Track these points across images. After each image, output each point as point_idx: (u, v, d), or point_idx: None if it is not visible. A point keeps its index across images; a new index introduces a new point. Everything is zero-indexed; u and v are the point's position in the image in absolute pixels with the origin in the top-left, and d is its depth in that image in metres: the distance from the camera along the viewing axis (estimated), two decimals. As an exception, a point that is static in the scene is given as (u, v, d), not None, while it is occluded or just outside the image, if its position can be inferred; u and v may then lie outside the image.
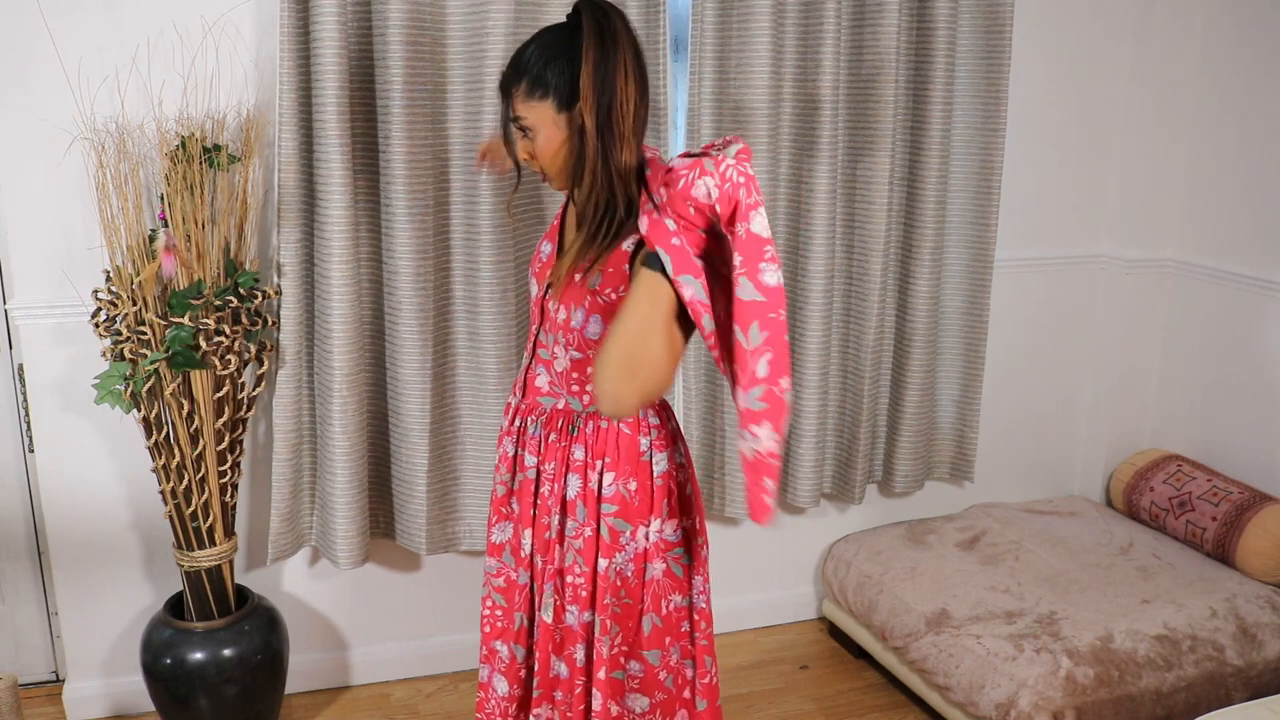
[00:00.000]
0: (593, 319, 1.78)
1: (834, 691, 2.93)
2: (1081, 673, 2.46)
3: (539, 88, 1.67)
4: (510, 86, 1.70)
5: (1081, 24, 3.11)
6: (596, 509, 1.84)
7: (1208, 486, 3.05)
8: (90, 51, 2.36)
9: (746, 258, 1.60)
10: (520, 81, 1.68)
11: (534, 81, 1.67)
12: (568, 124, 1.67)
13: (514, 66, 1.70)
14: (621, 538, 1.84)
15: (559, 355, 1.85)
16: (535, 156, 1.73)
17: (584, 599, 1.86)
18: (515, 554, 1.96)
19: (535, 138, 1.70)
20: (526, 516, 1.93)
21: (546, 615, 1.91)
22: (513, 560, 1.98)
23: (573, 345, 1.82)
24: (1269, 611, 2.70)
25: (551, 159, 1.71)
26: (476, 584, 2.94)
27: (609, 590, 1.85)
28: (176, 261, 2.27)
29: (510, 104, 1.71)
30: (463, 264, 2.59)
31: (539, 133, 1.69)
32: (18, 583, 2.79)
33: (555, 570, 1.89)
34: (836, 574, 3.09)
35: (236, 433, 2.48)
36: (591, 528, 1.84)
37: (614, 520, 1.84)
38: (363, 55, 2.44)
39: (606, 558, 1.84)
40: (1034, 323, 3.30)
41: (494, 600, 2.01)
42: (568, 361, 1.84)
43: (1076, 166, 3.23)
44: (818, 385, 2.90)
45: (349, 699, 2.88)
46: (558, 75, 1.65)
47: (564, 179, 1.74)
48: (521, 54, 1.70)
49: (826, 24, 2.67)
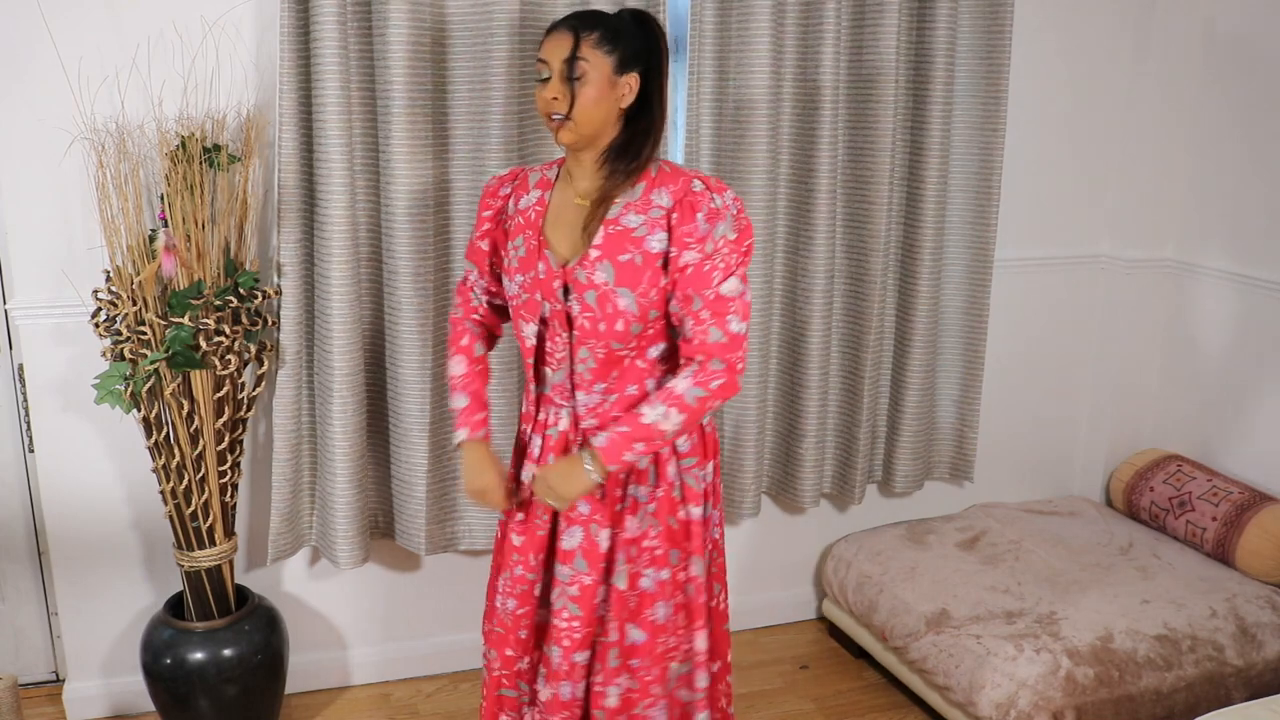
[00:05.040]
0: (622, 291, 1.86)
1: (834, 691, 2.93)
2: (1081, 673, 2.46)
3: (608, 43, 1.81)
4: (582, 30, 1.81)
5: (1082, 24, 3.10)
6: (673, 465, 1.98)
7: (1208, 486, 3.05)
8: (90, 51, 2.36)
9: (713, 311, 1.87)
10: (594, 30, 1.81)
11: (607, 36, 1.81)
12: (616, 86, 1.83)
13: (587, 16, 1.83)
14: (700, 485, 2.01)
15: (594, 350, 1.90)
16: (564, 100, 1.81)
17: (660, 558, 1.98)
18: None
19: (584, 84, 1.80)
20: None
21: (621, 583, 1.99)
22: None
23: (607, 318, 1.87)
24: (1269, 611, 2.70)
25: (591, 107, 1.82)
26: (476, 584, 2.94)
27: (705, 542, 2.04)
28: (176, 261, 2.27)
29: (576, 44, 1.80)
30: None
31: (589, 80, 1.80)
32: (18, 583, 2.79)
33: (629, 539, 1.98)
34: (836, 574, 3.09)
35: (236, 433, 2.48)
36: (664, 488, 1.97)
37: (694, 471, 2.00)
38: (363, 55, 2.44)
39: (697, 504, 2.01)
40: (1034, 323, 3.30)
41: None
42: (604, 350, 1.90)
43: (1076, 166, 3.23)
44: (818, 385, 2.90)
45: (349, 699, 2.88)
46: (627, 42, 1.83)
47: (585, 129, 1.83)
48: (595, 12, 1.85)
49: (826, 23, 2.67)
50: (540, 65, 1.84)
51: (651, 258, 1.85)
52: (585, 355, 1.90)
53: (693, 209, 1.85)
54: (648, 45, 1.85)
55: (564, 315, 1.90)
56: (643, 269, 1.85)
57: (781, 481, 3.06)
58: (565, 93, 1.81)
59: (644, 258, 1.85)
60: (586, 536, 1.97)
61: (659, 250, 1.85)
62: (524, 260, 1.93)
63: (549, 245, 1.92)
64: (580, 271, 1.87)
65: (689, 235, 1.84)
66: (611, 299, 1.85)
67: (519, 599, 2.06)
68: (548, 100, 1.82)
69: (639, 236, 1.86)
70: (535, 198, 1.96)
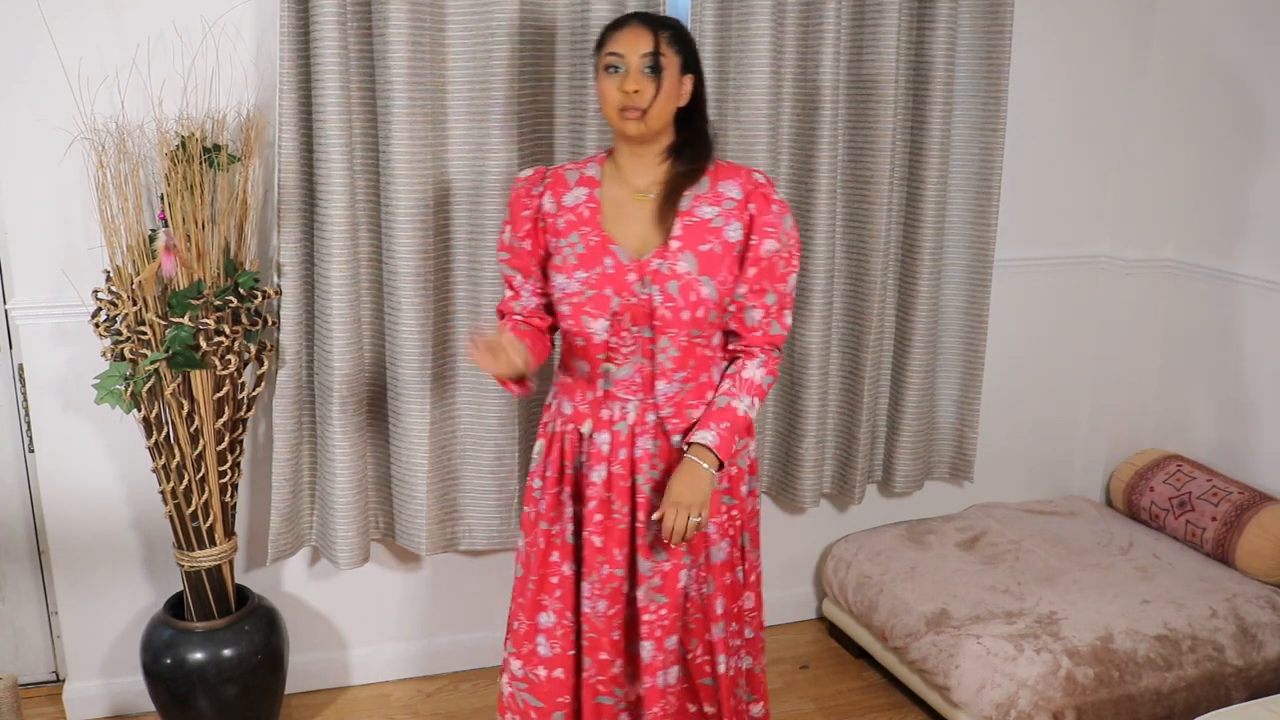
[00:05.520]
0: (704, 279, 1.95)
1: (834, 691, 2.93)
2: (1081, 673, 2.46)
3: (678, 44, 1.93)
4: (659, 29, 1.92)
5: (1082, 24, 3.10)
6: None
7: (1208, 486, 3.05)
8: (90, 51, 2.36)
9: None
10: (666, 30, 1.93)
11: (676, 37, 1.94)
12: (679, 85, 1.94)
13: (654, 16, 1.96)
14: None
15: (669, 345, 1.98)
16: (645, 92, 1.89)
17: (724, 533, 2.10)
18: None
19: (664, 77, 1.91)
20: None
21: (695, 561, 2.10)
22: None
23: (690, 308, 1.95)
24: (1269, 611, 2.71)
25: (666, 101, 1.92)
26: (477, 584, 2.95)
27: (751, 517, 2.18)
28: (176, 261, 2.27)
29: (657, 41, 1.90)
30: (465, 264, 2.59)
31: (667, 75, 1.91)
32: (18, 583, 2.79)
33: None
34: (836, 574, 3.09)
35: (236, 433, 2.48)
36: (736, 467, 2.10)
37: (745, 451, 2.11)
38: (363, 55, 2.44)
39: (747, 481, 2.13)
40: (1034, 323, 3.30)
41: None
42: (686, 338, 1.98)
43: (1076, 167, 3.22)
44: (818, 385, 2.90)
45: (349, 699, 2.88)
46: (686, 45, 1.96)
47: (655, 124, 1.93)
48: (658, 14, 2.05)
49: (826, 23, 2.67)
50: (611, 58, 1.91)
51: (730, 246, 1.96)
52: (666, 344, 1.97)
53: (766, 199, 1.98)
54: (695, 51, 1.98)
55: (640, 308, 1.95)
56: (722, 257, 1.95)
57: (781, 481, 3.06)
58: (648, 83, 1.89)
59: (723, 247, 1.96)
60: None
61: (736, 240, 1.97)
62: (585, 257, 1.97)
63: (614, 240, 1.96)
64: (661, 263, 1.94)
65: (769, 225, 1.97)
66: (695, 287, 1.94)
67: (609, 598, 2.05)
68: (628, 93, 1.89)
69: (717, 227, 1.96)
70: (584, 195, 2.00)
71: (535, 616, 2.09)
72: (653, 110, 1.90)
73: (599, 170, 2.03)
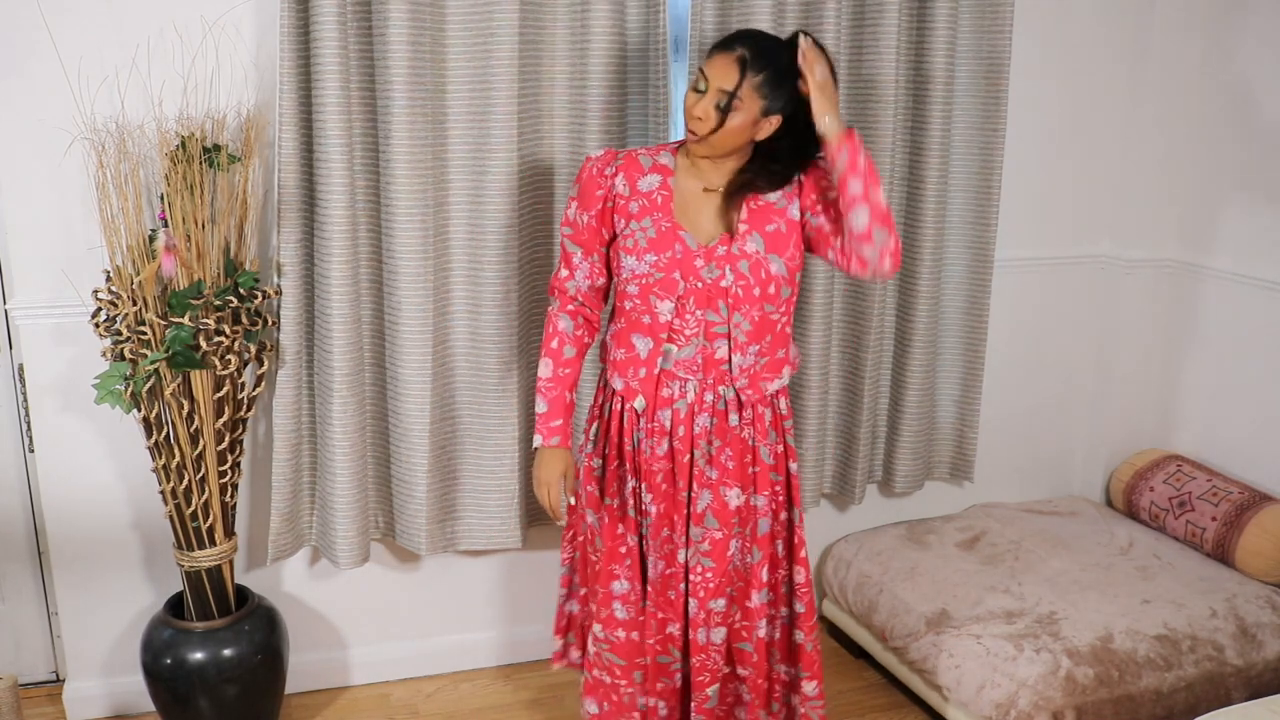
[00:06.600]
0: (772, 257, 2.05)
1: (834, 691, 2.93)
2: (1081, 673, 2.46)
3: (768, 87, 1.95)
4: (750, 70, 1.94)
5: (1082, 23, 3.10)
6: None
7: (1208, 486, 3.05)
8: (90, 51, 2.36)
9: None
10: (760, 73, 1.95)
11: (770, 80, 1.95)
12: (758, 124, 1.99)
13: (761, 52, 1.96)
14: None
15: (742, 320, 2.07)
16: (708, 122, 1.96)
17: (782, 502, 2.21)
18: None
19: (732, 119, 1.96)
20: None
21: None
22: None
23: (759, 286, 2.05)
24: (1269, 611, 2.71)
25: (730, 137, 1.99)
26: (477, 584, 2.95)
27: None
28: (176, 261, 2.27)
29: (740, 83, 1.94)
30: (465, 264, 2.59)
31: (737, 117, 1.96)
32: (18, 583, 2.79)
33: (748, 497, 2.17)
34: (836, 574, 3.09)
35: (236, 433, 2.48)
36: (783, 447, 2.19)
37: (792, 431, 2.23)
38: (363, 55, 2.44)
39: (795, 459, 2.23)
40: (1034, 323, 3.30)
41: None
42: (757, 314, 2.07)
43: (1076, 166, 3.22)
44: (818, 385, 2.90)
45: (349, 699, 2.88)
46: (783, 90, 1.97)
47: (716, 151, 2.01)
48: (767, 47, 1.97)
49: (826, 24, 2.67)
50: (699, 76, 1.98)
51: (794, 225, 2.07)
52: (740, 320, 2.06)
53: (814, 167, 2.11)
54: (787, 93, 1.98)
55: (704, 293, 2.04)
56: (788, 235, 2.06)
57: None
58: (713, 117, 1.96)
59: (788, 225, 2.07)
60: (716, 498, 2.13)
61: (797, 217, 2.08)
62: (655, 241, 2.05)
63: (683, 227, 2.06)
64: (729, 248, 2.04)
65: (823, 177, 2.08)
66: (764, 265, 2.04)
67: (666, 559, 2.17)
68: (694, 116, 1.97)
69: (781, 208, 2.07)
70: (658, 182, 2.09)
71: (609, 585, 2.20)
72: (714, 141, 1.99)
73: (672, 160, 2.11)
